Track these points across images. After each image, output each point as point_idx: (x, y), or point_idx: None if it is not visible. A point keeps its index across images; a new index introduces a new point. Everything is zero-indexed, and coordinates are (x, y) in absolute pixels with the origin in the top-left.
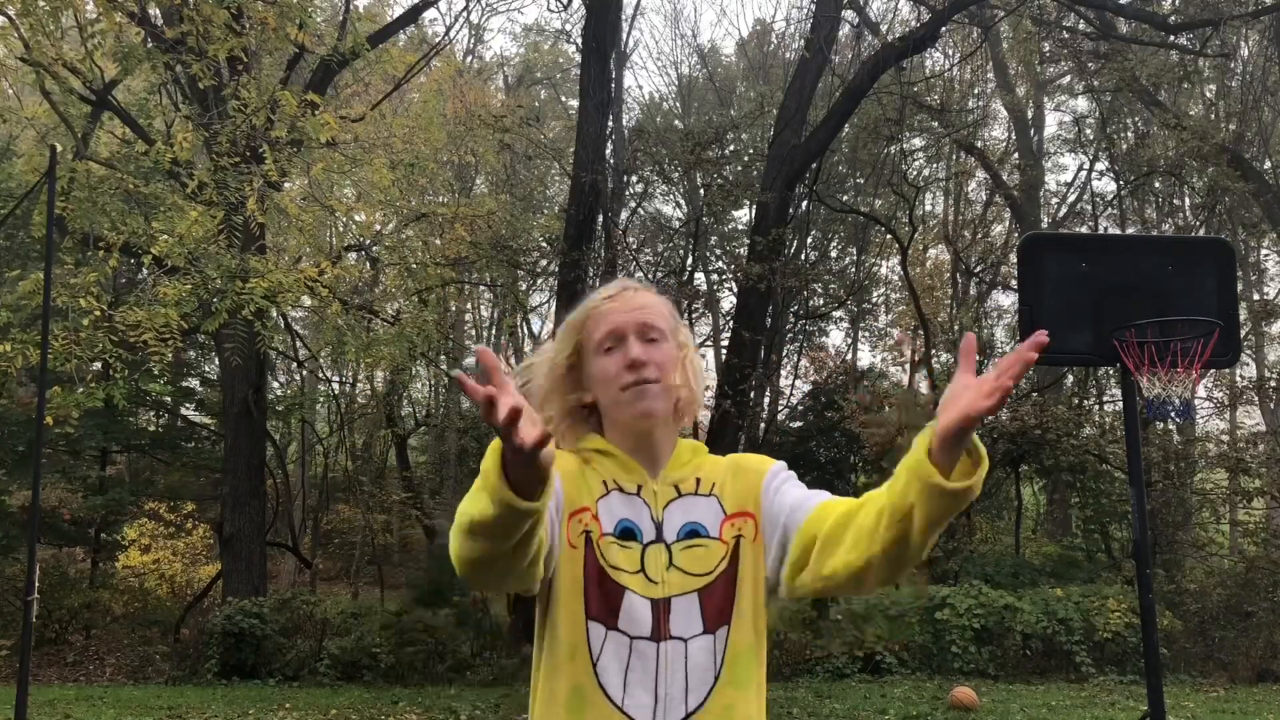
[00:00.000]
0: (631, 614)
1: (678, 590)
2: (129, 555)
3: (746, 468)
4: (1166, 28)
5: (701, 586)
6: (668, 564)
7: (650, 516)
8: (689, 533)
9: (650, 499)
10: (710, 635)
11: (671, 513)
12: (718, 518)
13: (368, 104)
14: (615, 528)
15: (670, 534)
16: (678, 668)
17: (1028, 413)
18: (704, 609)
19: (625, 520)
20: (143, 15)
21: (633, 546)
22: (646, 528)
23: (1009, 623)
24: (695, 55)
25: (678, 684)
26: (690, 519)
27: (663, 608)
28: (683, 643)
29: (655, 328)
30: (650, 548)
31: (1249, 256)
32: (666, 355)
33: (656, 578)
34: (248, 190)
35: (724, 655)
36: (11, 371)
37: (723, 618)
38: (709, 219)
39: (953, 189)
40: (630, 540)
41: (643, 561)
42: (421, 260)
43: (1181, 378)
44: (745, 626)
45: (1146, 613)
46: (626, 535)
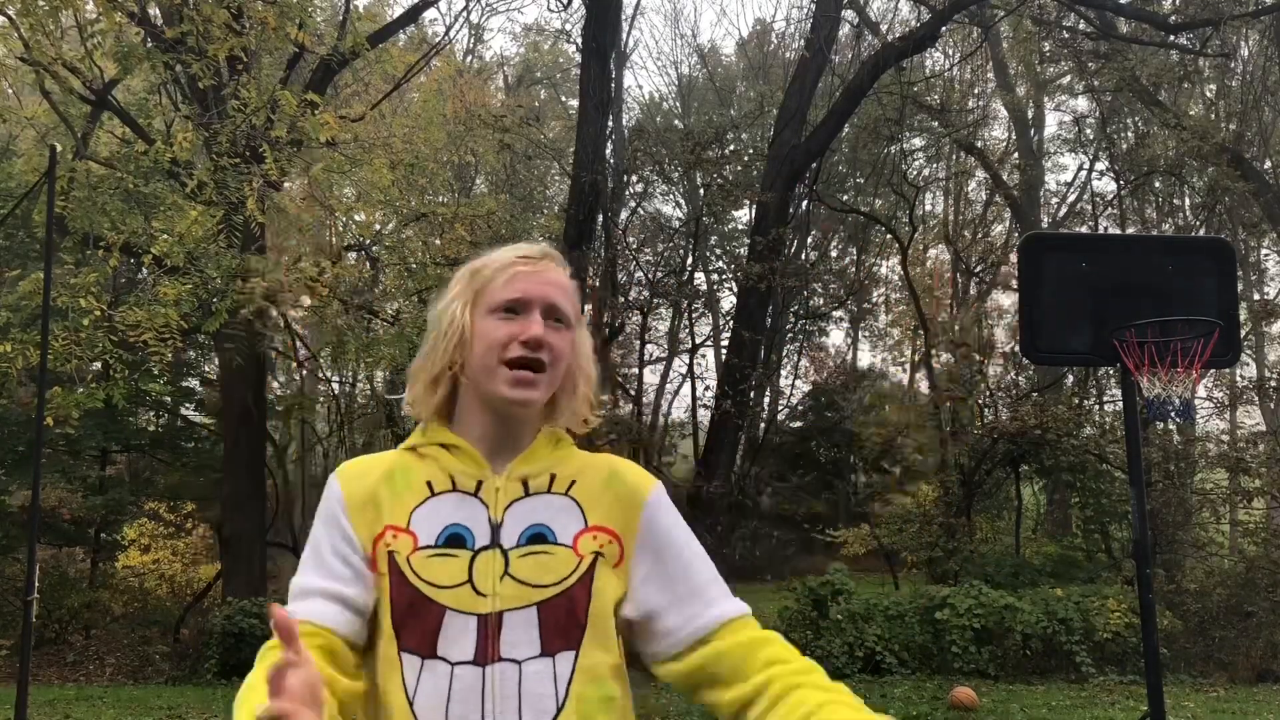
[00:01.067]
0: (452, 636)
1: (512, 604)
2: (129, 555)
3: (623, 479)
4: (1166, 28)
5: (541, 600)
6: (502, 573)
7: (487, 518)
8: (532, 536)
9: (490, 498)
10: (549, 658)
11: (514, 513)
12: (573, 524)
13: (368, 104)
14: (438, 536)
15: (509, 538)
16: (509, 695)
17: (1028, 413)
18: (542, 626)
19: (453, 525)
20: (143, 15)
21: (459, 555)
22: (480, 531)
23: (1009, 623)
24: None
25: (510, 713)
26: (536, 520)
27: (491, 624)
28: (515, 665)
29: (564, 312)
30: (481, 554)
31: (1249, 256)
32: (563, 347)
33: (485, 590)
34: (248, 190)
35: (569, 685)
36: (11, 371)
37: (567, 640)
38: (709, 219)
39: (953, 189)
40: (458, 548)
41: (470, 571)
42: (421, 260)
43: (1181, 378)
44: (599, 658)
45: (1146, 613)
46: (454, 542)
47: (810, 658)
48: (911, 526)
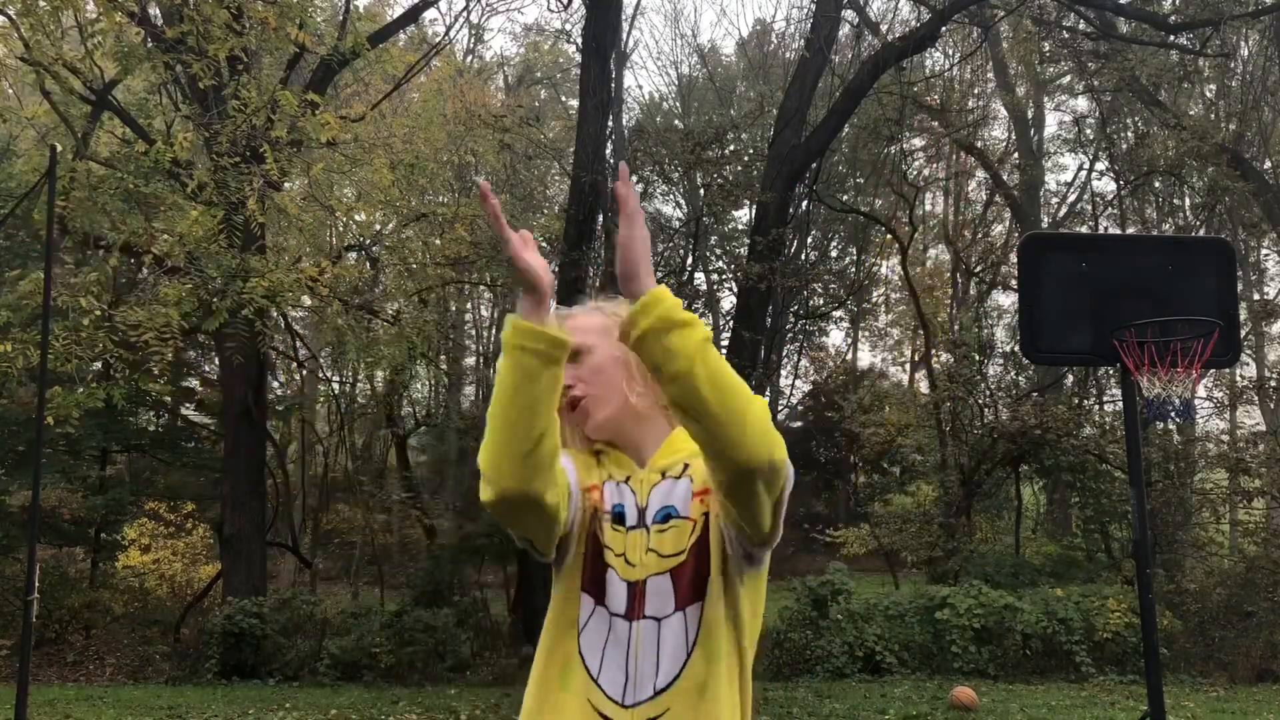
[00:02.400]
0: (613, 593)
1: (652, 572)
2: (129, 555)
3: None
4: (1166, 28)
5: (674, 566)
6: (646, 548)
7: (636, 503)
8: (664, 516)
9: (637, 486)
10: (681, 613)
11: (653, 498)
12: (689, 496)
13: (368, 104)
14: (611, 510)
15: (650, 518)
16: (649, 646)
17: (1028, 413)
18: (676, 588)
19: (618, 505)
20: (143, 15)
21: (620, 530)
22: (632, 514)
23: (1009, 623)
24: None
25: (649, 662)
26: (667, 502)
27: (638, 590)
28: (656, 622)
29: (579, 347)
30: (633, 532)
31: (1249, 256)
32: (593, 364)
33: (635, 561)
34: (248, 190)
35: (697, 631)
36: (12, 371)
37: (695, 594)
38: (709, 219)
39: (953, 189)
40: (619, 525)
41: (626, 545)
42: (421, 260)
43: (1181, 378)
44: (717, 601)
45: (1146, 613)
46: (618, 519)
47: (810, 658)
48: (911, 526)
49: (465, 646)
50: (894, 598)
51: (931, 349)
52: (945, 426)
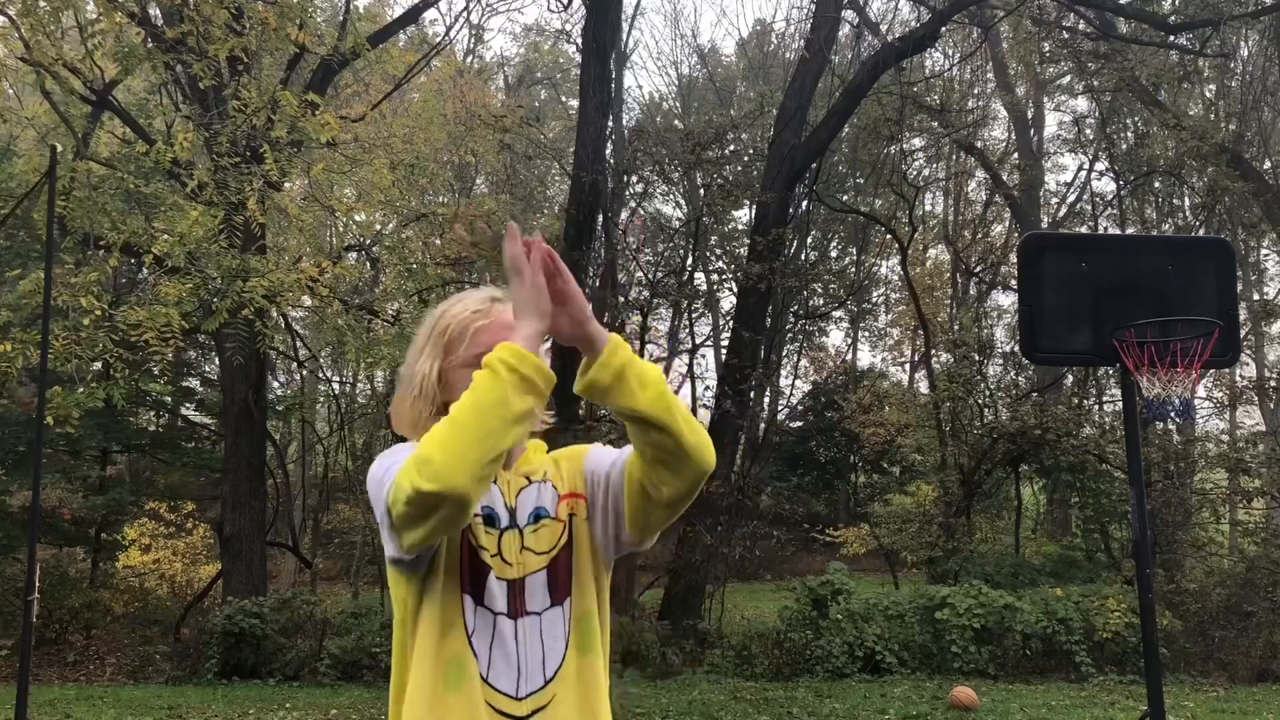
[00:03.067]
0: (492, 592)
1: (530, 570)
2: (129, 555)
3: (569, 455)
4: (1166, 28)
5: (548, 564)
6: (520, 547)
7: (504, 504)
8: (536, 516)
9: (504, 487)
10: (559, 607)
11: (522, 500)
12: (555, 499)
13: (368, 104)
14: (480, 510)
15: (522, 519)
16: (534, 640)
17: (1028, 413)
18: (550, 583)
19: (486, 506)
20: (143, 15)
21: (492, 531)
22: (502, 514)
23: (1009, 623)
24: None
25: (535, 655)
26: (538, 504)
27: (517, 587)
28: (537, 616)
29: None
30: (507, 533)
31: (1249, 256)
32: None
33: (511, 560)
34: (248, 190)
35: (570, 623)
36: (12, 371)
37: (566, 589)
38: (709, 219)
39: (953, 189)
40: (491, 526)
41: (499, 545)
42: (421, 260)
43: (1181, 378)
44: (586, 595)
45: (1146, 613)
46: (489, 521)
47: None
48: (911, 526)
49: None
50: (894, 598)
51: (931, 349)
52: (945, 426)
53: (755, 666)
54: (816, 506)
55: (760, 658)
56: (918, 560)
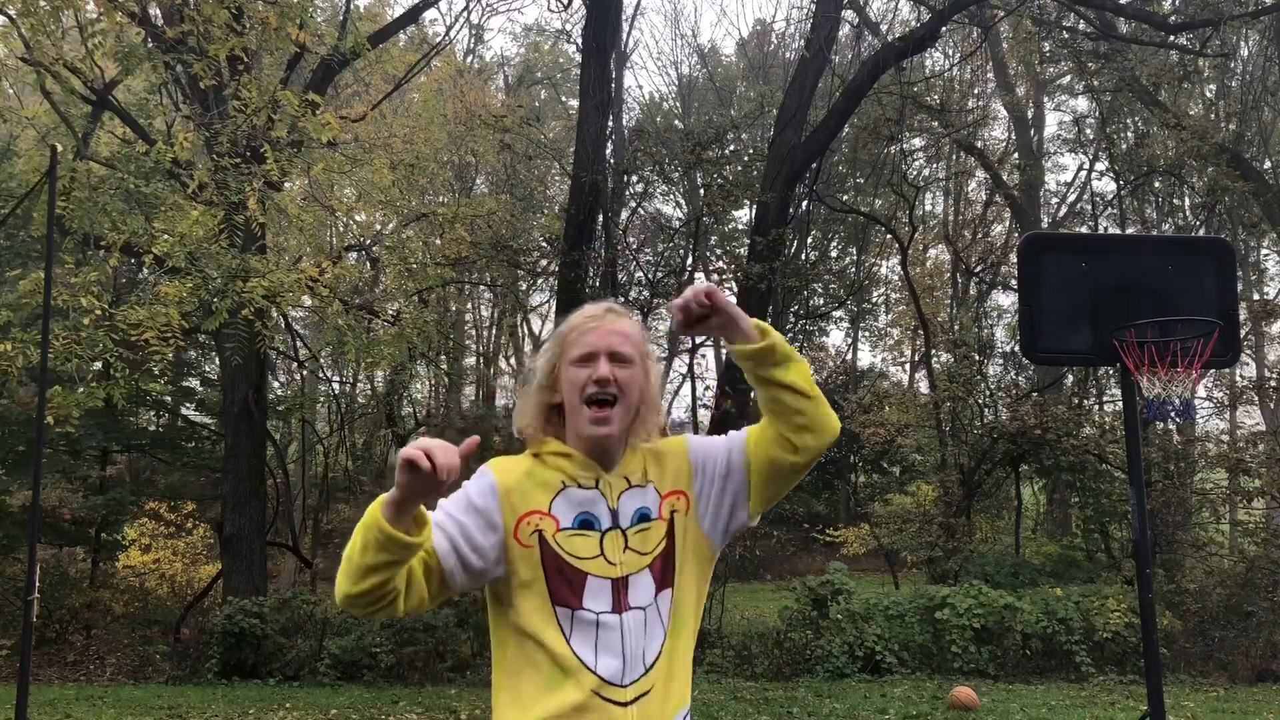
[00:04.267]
0: (595, 594)
1: (633, 569)
2: (129, 555)
3: (671, 450)
4: (1166, 28)
5: (650, 562)
6: (624, 547)
7: (607, 506)
8: (640, 517)
9: (606, 490)
10: (656, 600)
11: (624, 502)
12: (658, 500)
13: (368, 104)
14: (574, 521)
15: (625, 520)
16: (639, 632)
17: (1028, 413)
18: (654, 579)
19: (583, 513)
20: (143, 15)
21: (591, 535)
22: (604, 516)
23: (1009, 623)
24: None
25: (638, 646)
26: (641, 505)
27: (621, 585)
28: (641, 611)
29: (624, 354)
30: (608, 534)
31: (1249, 256)
32: (630, 378)
33: (614, 560)
34: (248, 190)
35: (670, 613)
36: (12, 371)
37: (666, 582)
38: (709, 219)
39: (953, 189)
40: (589, 530)
41: (601, 547)
42: (421, 260)
43: (1181, 378)
44: (685, 586)
45: (1146, 612)
46: (585, 526)
47: (810, 657)
48: (911, 526)
49: (465, 646)
50: (894, 598)
51: (931, 349)
52: (945, 426)
53: (755, 666)
54: (817, 506)
55: (760, 658)
56: (918, 560)
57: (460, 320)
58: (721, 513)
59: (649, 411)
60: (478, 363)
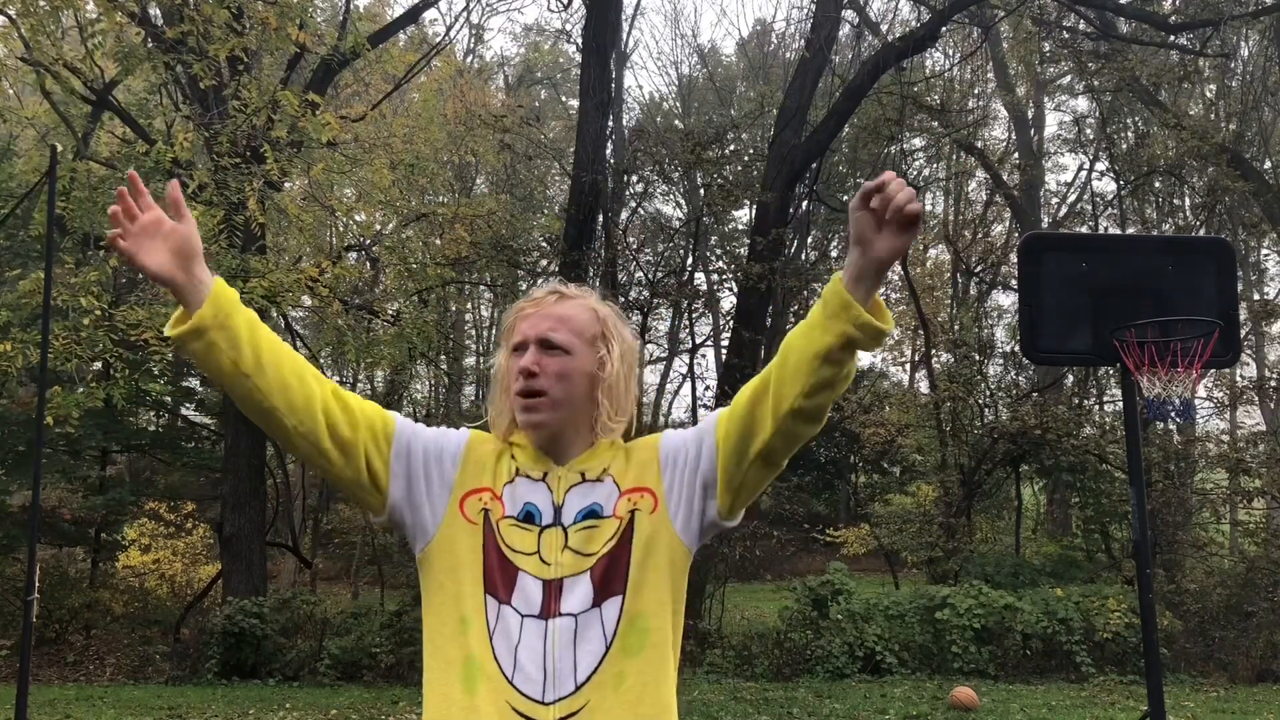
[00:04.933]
0: (524, 593)
1: (569, 571)
2: (129, 555)
3: (644, 445)
4: (1167, 28)
5: (591, 565)
6: (562, 546)
7: (551, 501)
8: (587, 514)
9: (554, 484)
10: (598, 608)
11: (571, 497)
12: (614, 496)
13: (368, 104)
14: (518, 511)
15: (568, 517)
16: (566, 643)
17: (1028, 413)
18: (595, 583)
19: (528, 504)
20: (143, 15)
21: (531, 529)
22: (546, 511)
23: (1009, 623)
24: (695, 55)
25: (567, 659)
26: (588, 502)
27: (554, 588)
28: (572, 618)
29: (557, 341)
30: (547, 531)
31: (1249, 256)
32: (565, 368)
33: (550, 559)
34: (248, 190)
35: (616, 625)
36: (11, 371)
37: (613, 589)
38: (709, 219)
39: (953, 189)
40: (530, 524)
41: (539, 544)
42: (421, 260)
43: (1181, 378)
44: (642, 595)
45: (1146, 613)
46: (527, 519)
47: (810, 658)
48: (911, 526)
49: None
50: (894, 598)
51: (932, 349)
52: (945, 426)
53: (755, 666)
54: (817, 506)
55: (760, 658)
56: (918, 560)
57: (460, 320)
58: (695, 508)
59: (611, 402)
60: (478, 363)
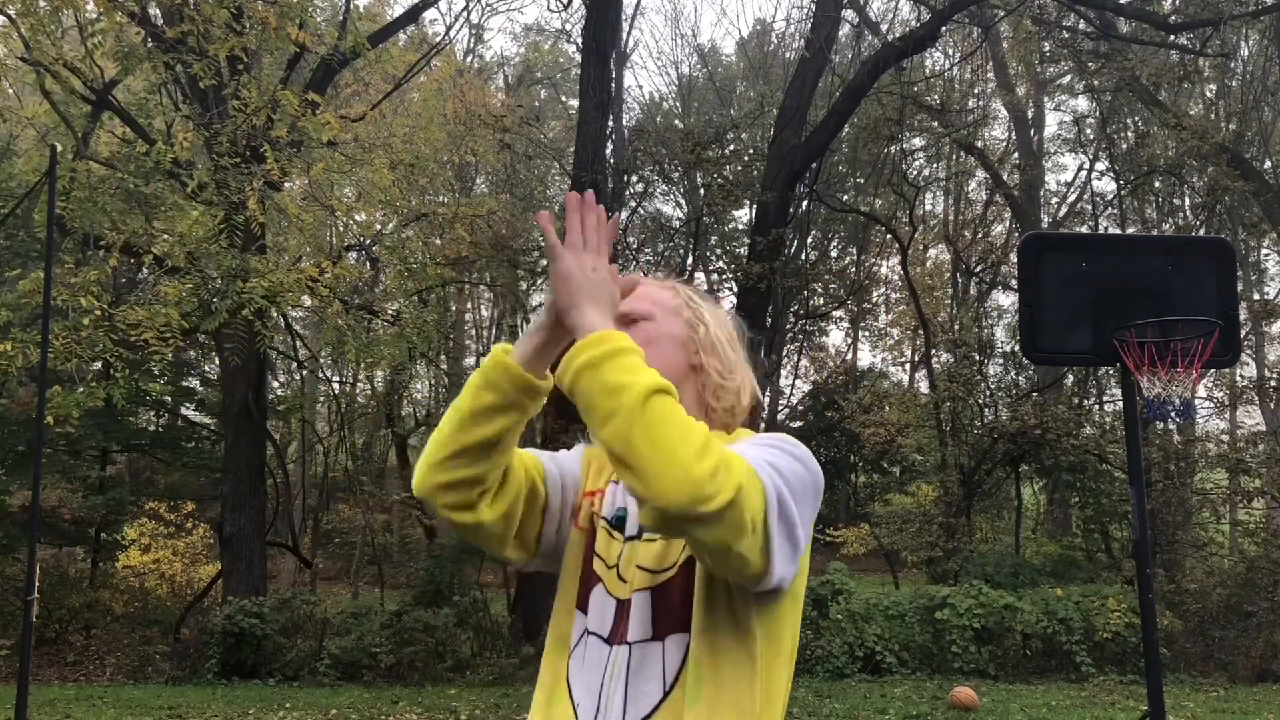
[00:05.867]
0: (599, 611)
1: (636, 588)
2: (129, 555)
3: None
4: (1167, 27)
5: (656, 585)
6: (637, 562)
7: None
8: None
9: None
10: (659, 642)
11: None
12: None
13: (368, 104)
14: (612, 513)
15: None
16: (619, 675)
17: (1028, 413)
18: (655, 611)
19: (622, 509)
20: (143, 15)
21: (617, 538)
22: (634, 520)
23: (1009, 623)
24: (695, 55)
25: (618, 693)
26: None
27: (624, 609)
28: (629, 648)
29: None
30: (631, 543)
31: (1249, 256)
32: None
33: (627, 576)
34: (248, 190)
35: (679, 669)
36: (12, 371)
37: (676, 623)
38: (709, 219)
39: (953, 189)
40: (618, 531)
41: (620, 556)
42: (421, 260)
43: (1181, 378)
44: (705, 638)
45: (1146, 612)
46: (617, 524)
47: (810, 657)
48: (911, 526)
49: (465, 646)
50: (894, 598)
51: (931, 349)
52: (945, 426)
53: None
54: None
55: None
56: (918, 560)
57: (460, 320)
58: None
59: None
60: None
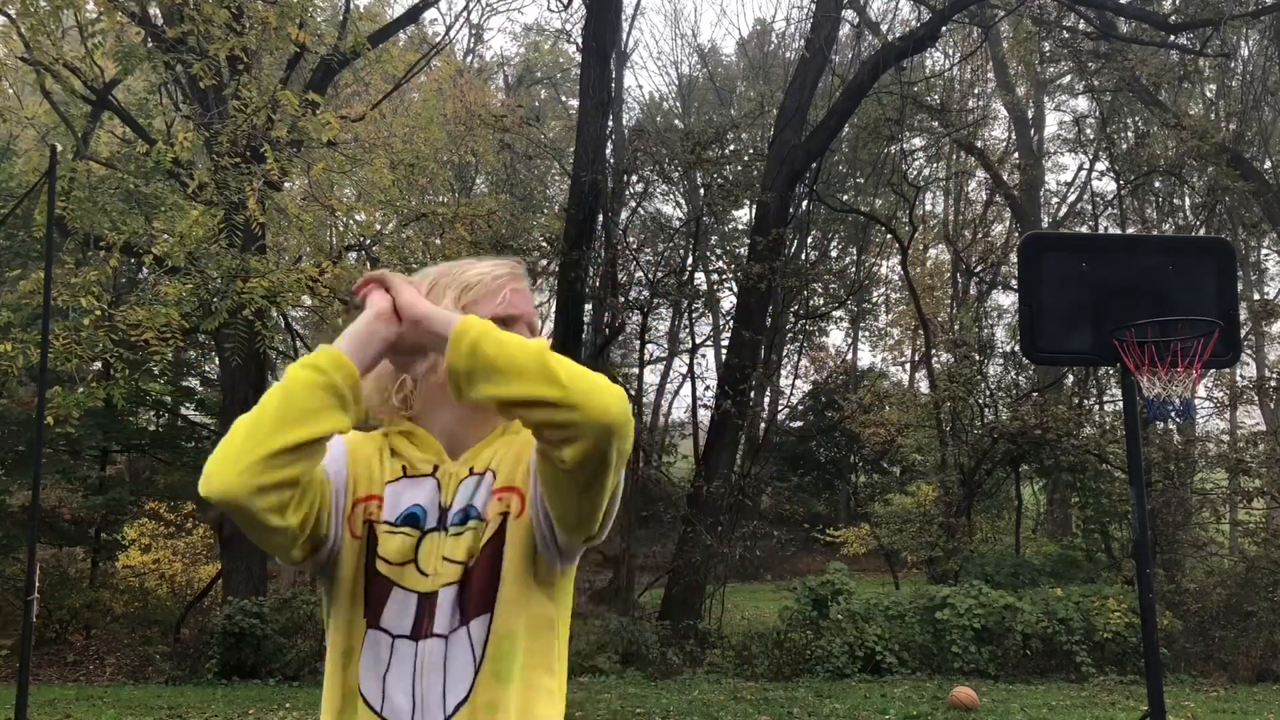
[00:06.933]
0: (396, 611)
1: (445, 581)
2: (129, 555)
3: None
4: (1167, 27)
5: (461, 576)
6: (441, 555)
7: (439, 501)
8: (463, 517)
9: (444, 479)
10: (466, 627)
11: (459, 496)
12: (489, 495)
13: (368, 103)
14: (398, 515)
15: (451, 520)
16: (435, 667)
17: (1028, 413)
18: (461, 599)
19: (412, 506)
20: (143, 15)
21: (411, 534)
22: (432, 514)
23: (1009, 623)
24: (695, 55)
25: (436, 685)
26: (469, 501)
27: (428, 603)
28: (442, 640)
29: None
30: (429, 536)
31: (1249, 256)
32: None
33: (429, 569)
34: (248, 190)
35: (484, 648)
36: (12, 371)
37: (482, 605)
38: (709, 219)
39: (953, 189)
40: (412, 527)
41: (417, 551)
42: (421, 260)
43: (1181, 377)
44: (515, 613)
45: (1146, 612)
46: (409, 521)
47: (810, 658)
48: (911, 526)
49: None
50: (894, 598)
51: (932, 349)
52: (945, 426)
53: (755, 666)
54: (817, 506)
55: (760, 658)
56: (918, 560)
57: None
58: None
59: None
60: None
